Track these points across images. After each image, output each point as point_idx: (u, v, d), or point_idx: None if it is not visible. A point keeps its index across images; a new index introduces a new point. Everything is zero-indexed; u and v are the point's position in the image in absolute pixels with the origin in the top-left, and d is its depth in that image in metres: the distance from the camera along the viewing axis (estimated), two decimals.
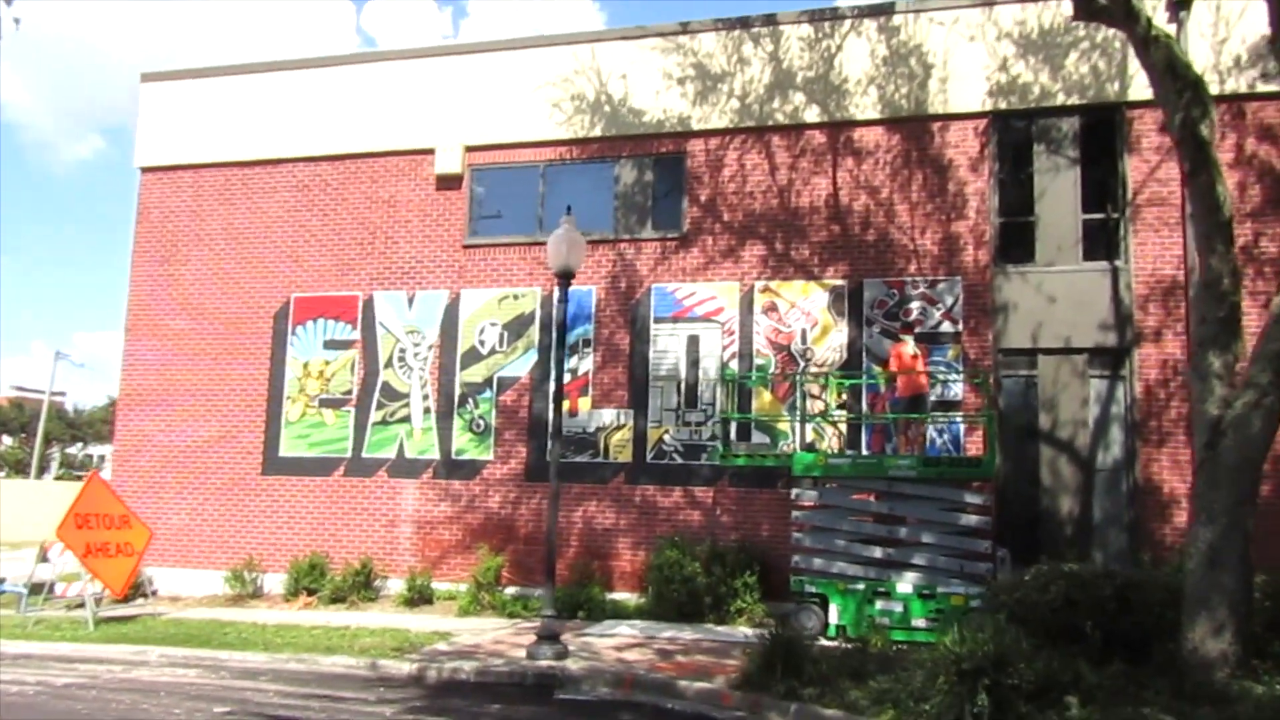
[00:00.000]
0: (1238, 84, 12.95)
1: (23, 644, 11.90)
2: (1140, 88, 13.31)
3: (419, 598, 14.51)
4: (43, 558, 15.09)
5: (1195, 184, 8.80)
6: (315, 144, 16.57)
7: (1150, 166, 13.27)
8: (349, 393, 15.92)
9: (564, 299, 11.19)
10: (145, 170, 17.49)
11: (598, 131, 15.35)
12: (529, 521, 14.87)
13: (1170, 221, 13.11)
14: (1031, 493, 13.16)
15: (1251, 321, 10.56)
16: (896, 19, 14.32)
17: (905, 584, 11.73)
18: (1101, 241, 13.53)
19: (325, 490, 15.75)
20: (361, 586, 14.80)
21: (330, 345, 16.13)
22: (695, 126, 14.96)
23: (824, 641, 11.23)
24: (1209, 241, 8.77)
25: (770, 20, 14.84)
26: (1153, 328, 13.03)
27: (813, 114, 14.51)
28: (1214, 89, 12.81)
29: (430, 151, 15.99)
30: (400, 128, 16.18)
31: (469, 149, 15.84)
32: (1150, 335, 13.03)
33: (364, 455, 15.66)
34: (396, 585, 14.94)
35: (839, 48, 14.49)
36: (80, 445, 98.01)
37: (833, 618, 11.85)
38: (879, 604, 11.76)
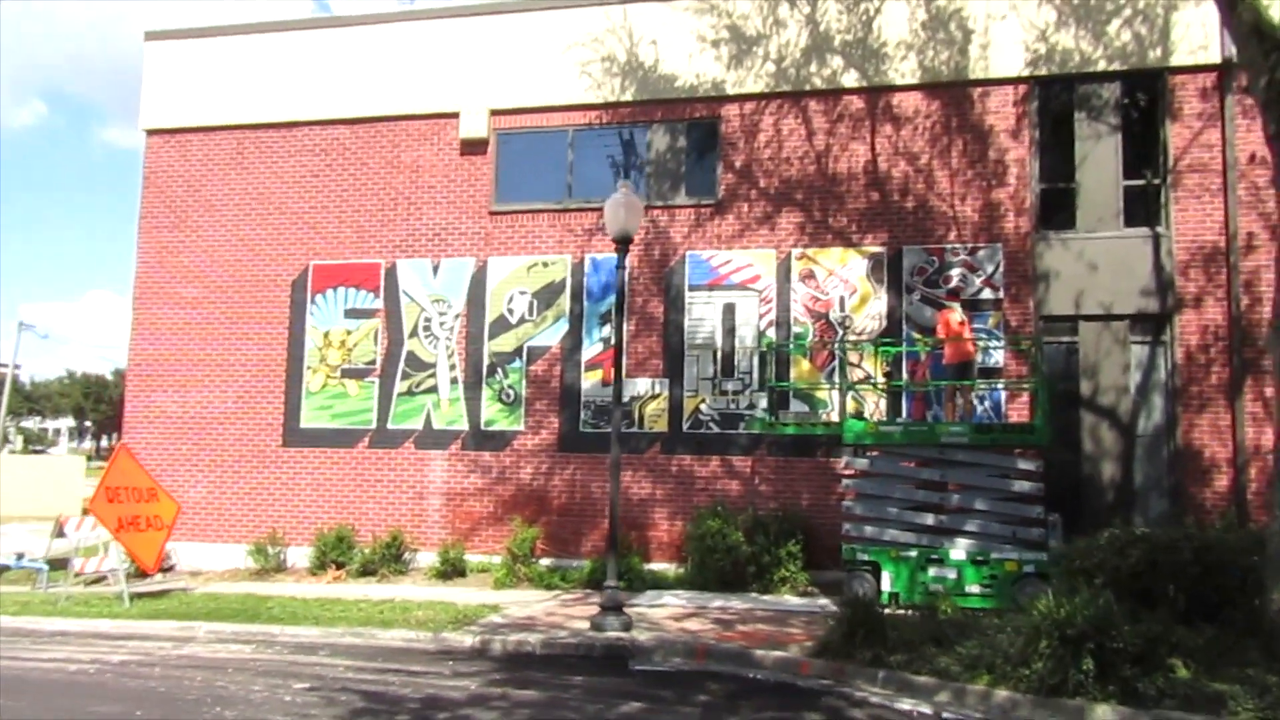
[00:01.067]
0: None
1: (58, 621, 11.55)
2: (1183, 54, 13.33)
3: (452, 570, 14.28)
4: (59, 532, 14.64)
5: None
6: (332, 107, 16.07)
7: (1192, 133, 13.27)
8: (372, 363, 15.57)
9: (621, 265, 10.97)
10: (151, 133, 16.88)
11: (628, 95, 15.04)
12: (562, 492, 14.68)
13: (1212, 188, 13.14)
14: (1073, 458, 13.22)
15: None
16: None
17: (958, 550, 11.72)
18: (1142, 208, 13.54)
19: (349, 462, 15.43)
20: (392, 560, 14.54)
21: (352, 314, 15.74)
22: (730, 91, 14.70)
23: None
24: None
25: None
26: (1194, 294, 13.09)
27: (851, 78, 14.32)
28: None
29: (454, 115, 15.58)
30: (422, 91, 15.74)
31: (494, 113, 15.46)
32: (1191, 301, 13.09)
33: (389, 426, 15.35)
34: (426, 558, 14.70)
35: (878, 10, 14.29)
36: (38, 419, 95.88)
37: (885, 585, 11.81)
38: (932, 571, 11.74)
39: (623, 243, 10.88)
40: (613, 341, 14.61)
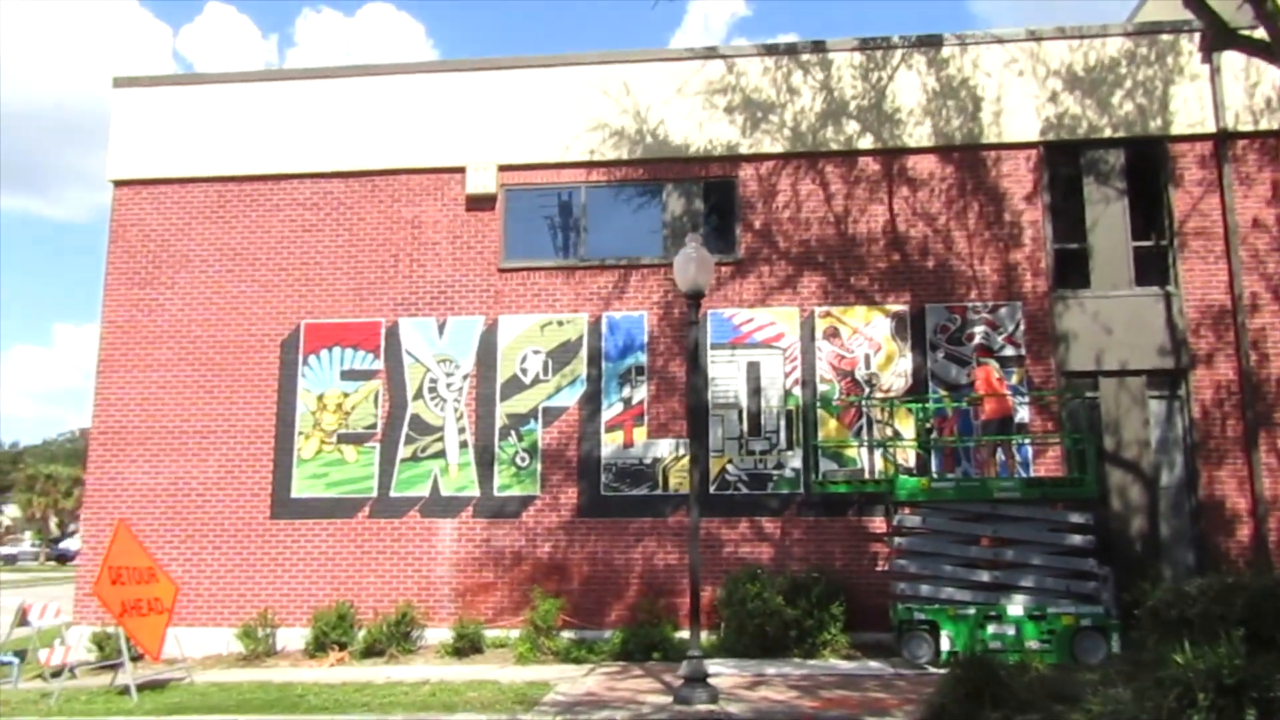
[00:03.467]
0: (1271, 122, 13.84)
1: None
2: (1182, 125, 14.08)
3: (469, 647, 13.37)
4: (22, 621, 13.11)
5: None
6: (325, 159, 15.35)
7: (1194, 199, 13.97)
8: (372, 427, 14.67)
9: (694, 320, 10.63)
10: (119, 184, 15.74)
11: (641, 153, 14.89)
12: (583, 561, 14.02)
13: (1215, 251, 13.81)
14: (1101, 511, 13.41)
15: None
16: (945, 51, 14.62)
17: (1016, 606, 11.67)
18: (1153, 268, 14.11)
19: (348, 534, 14.39)
20: (400, 638, 13.51)
21: (349, 376, 14.85)
22: (745, 152, 14.73)
23: (935, 670, 11.04)
24: None
25: (819, 48, 14.86)
26: (1206, 351, 13.64)
27: (867, 141, 14.57)
28: (1248, 126, 13.71)
29: (459, 170, 15.10)
30: (425, 145, 15.21)
31: (503, 168, 15.05)
32: (1204, 358, 13.63)
33: (392, 494, 14.43)
34: (435, 635, 13.76)
35: (890, 78, 14.64)
36: None
37: (944, 644, 11.63)
38: (991, 628, 11.64)
39: (694, 298, 10.58)
40: (633, 401, 14.29)
